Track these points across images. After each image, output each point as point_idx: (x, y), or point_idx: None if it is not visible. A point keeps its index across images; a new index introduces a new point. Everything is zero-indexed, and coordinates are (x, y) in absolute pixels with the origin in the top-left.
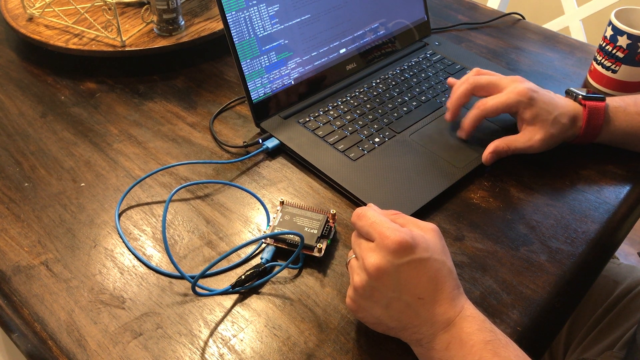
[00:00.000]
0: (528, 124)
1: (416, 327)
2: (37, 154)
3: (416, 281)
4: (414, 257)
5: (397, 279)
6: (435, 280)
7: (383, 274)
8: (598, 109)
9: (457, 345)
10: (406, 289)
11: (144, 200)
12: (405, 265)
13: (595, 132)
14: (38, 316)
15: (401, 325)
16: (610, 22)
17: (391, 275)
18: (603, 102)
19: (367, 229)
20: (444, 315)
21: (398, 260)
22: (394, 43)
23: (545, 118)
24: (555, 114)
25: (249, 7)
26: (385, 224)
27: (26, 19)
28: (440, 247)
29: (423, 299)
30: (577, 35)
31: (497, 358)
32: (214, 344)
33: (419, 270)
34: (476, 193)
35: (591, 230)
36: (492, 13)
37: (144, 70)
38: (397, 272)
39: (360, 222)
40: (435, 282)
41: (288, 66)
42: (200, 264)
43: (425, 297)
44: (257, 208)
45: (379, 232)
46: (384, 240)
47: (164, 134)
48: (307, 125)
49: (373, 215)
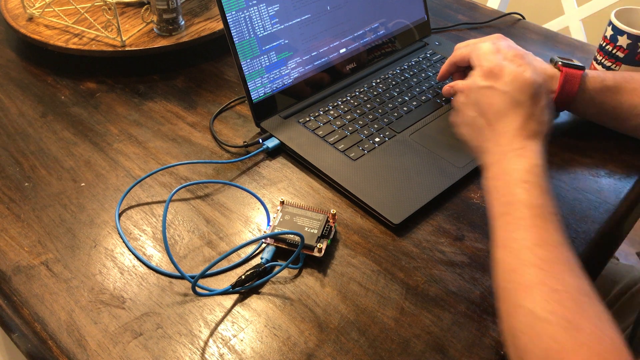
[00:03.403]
0: None
1: (483, 152)
2: (37, 153)
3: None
4: (495, 85)
5: (477, 99)
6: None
7: (468, 91)
8: (574, 76)
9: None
10: (482, 111)
11: (144, 200)
12: (487, 89)
13: (569, 99)
14: (38, 316)
15: (477, 146)
16: (610, 22)
17: (472, 94)
18: (581, 70)
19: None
20: (503, 145)
21: (483, 82)
22: (394, 43)
23: None
24: None
25: (249, 7)
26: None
27: (26, 19)
28: (530, 92)
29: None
30: (577, 35)
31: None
32: (214, 344)
33: (495, 98)
34: (476, 193)
35: (591, 230)
36: (492, 13)
37: (144, 70)
38: (478, 93)
39: (467, 49)
40: (504, 114)
41: (288, 66)
42: (200, 264)
43: (493, 124)
44: (257, 208)
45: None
46: (481, 65)
47: (164, 134)
48: (307, 125)
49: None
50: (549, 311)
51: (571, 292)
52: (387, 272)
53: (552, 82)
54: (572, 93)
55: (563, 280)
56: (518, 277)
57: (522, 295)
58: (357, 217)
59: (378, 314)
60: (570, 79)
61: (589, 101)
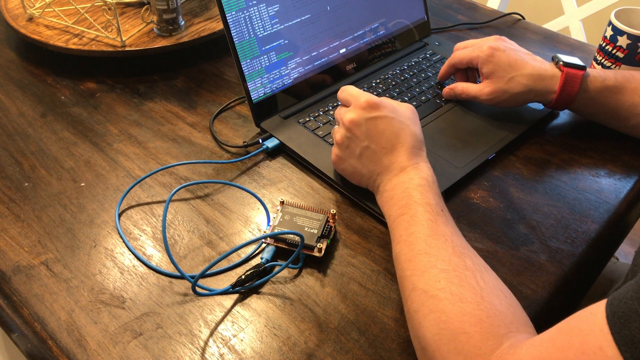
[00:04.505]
0: (485, 78)
1: (379, 174)
2: (37, 153)
3: (381, 133)
4: (381, 114)
5: (367, 129)
6: (397, 135)
7: (356, 125)
8: (575, 77)
9: (400, 187)
10: (374, 139)
11: (144, 200)
12: (373, 120)
13: (570, 99)
14: (38, 316)
15: (369, 172)
16: (610, 22)
17: (362, 126)
18: (583, 70)
19: (347, 96)
20: (399, 163)
21: (367, 114)
22: (394, 43)
23: (500, 75)
24: (514, 74)
25: (249, 7)
26: (361, 92)
27: (26, 19)
28: (408, 115)
29: (385, 148)
30: (577, 35)
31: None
32: (214, 344)
33: (384, 125)
34: (476, 193)
35: (591, 230)
36: (492, 13)
37: (144, 70)
38: (366, 124)
39: (342, 94)
40: (397, 137)
41: (288, 66)
42: (200, 264)
43: (387, 147)
44: (257, 208)
45: (355, 96)
46: (357, 101)
47: (164, 134)
48: (307, 125)
49: (353, 88)
50: (438, 289)
51: (457, 270)
52: (387, 272)
53: (553, 82)
54: (572, 93)
55: (449, 261)
56: (413, 264)
57: (416, 279)
58: (357, 217)
59: (378, 314)
60: (571, 79)
61: (590, 101)
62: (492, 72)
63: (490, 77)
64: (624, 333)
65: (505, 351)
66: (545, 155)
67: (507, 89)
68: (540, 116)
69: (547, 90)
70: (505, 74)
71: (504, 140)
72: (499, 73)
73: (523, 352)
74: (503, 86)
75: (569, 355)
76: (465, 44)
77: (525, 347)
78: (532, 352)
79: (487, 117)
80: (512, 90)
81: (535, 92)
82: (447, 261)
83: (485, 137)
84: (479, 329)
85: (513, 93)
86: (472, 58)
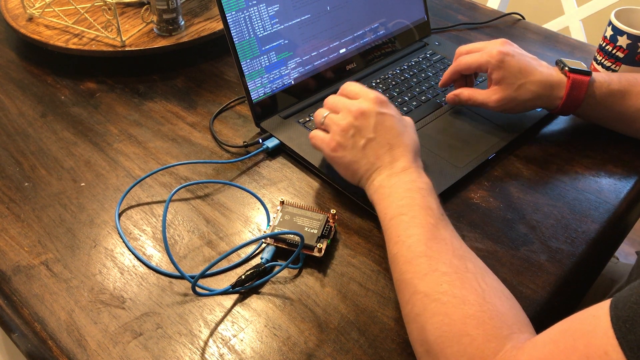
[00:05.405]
0: (494, 84)
1: (378, 168)
2: (37, 153)
3: (388, 129)
4: (389, 112)
5: (376, 122)
6: (402, 136)
7: (366, 116)
8: (581, 83)
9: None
10: (381, 132)
11: (144, 200)
12: (382, 115)
13: (576, 104)
14: (38, 316)
15: (368, 164)
16: (610, 22)
17: (372, 117)
18: (588, 76)
19: (356, 89)
20: (402, 162)
21: (378, 108)
22: (394, 43)
23: (510, 82)
24: (523, 80)
25: (249, 7)
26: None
27: (26, 19)
28: (410, 124)
29: (390, 144)
30: (577, 35)
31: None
32: (214, 344)
33: (392, 122)
34: (476, 193)
35: (591, 230)
36: (492, 13)
37: (144, 70)
38: (376, 117)
39: (350, 87)
40: (401, 137)
41: (288, 66)
42: (200, 264)
43: (392, 144)
44: (257, 208)
45: (365, 90)
46: (367, 95)
47: (164, 134)
48: (307, 125)
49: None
50: (440, 292)
51: (459, 272)
52: (387, 272)
53: (559, 88)
54: (578, 100)
55: (451, 264)
56: (413, 267)
57: (418, 282)
58: (357, 217)
59: (378, 314)
60: (577, 85)
61: (595, 106)
62: (503, 79)
63: (500, 83)
64: (629, 338)
65: (508, 353)
66: (546, 155)
67: (515, 96)
68: (540, 116)
69: (554, 96)
70: (515, 81)
71: (504, 140)
72: (509, 80)
73: (526, 354)
74: (512, 93)
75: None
76: (469, 48)
77: (528, 349)
78: (535, 354)
79: (487, 117)
80: (520, 97)
81: (542, 99)
82: (448, 264)
83: (485, 137)
84: (481, 331)
85: (521, 100)
86: (482, 64)
